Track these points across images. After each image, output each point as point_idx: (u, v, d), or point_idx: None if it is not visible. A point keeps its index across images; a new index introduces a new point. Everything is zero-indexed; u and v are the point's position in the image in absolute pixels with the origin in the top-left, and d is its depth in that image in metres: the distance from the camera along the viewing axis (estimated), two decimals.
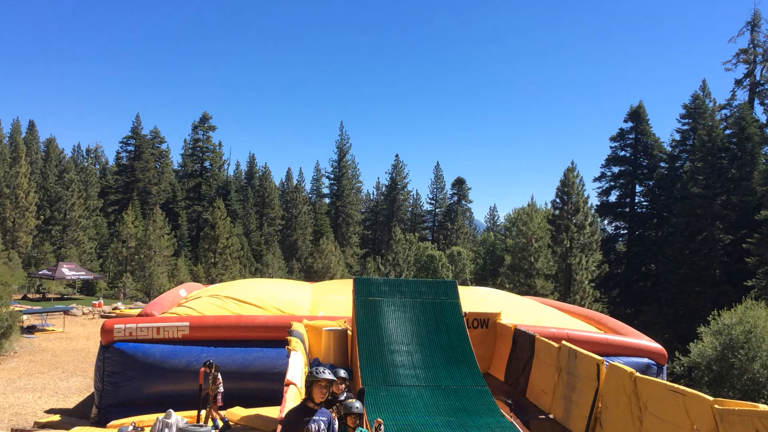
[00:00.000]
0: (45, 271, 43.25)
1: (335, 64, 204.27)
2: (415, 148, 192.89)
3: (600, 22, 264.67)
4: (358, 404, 6.34)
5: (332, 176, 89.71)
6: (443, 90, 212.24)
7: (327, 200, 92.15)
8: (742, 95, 58.37)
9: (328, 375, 6.04)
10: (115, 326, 13.38)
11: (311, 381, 5.95)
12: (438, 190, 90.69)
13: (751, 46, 58.30)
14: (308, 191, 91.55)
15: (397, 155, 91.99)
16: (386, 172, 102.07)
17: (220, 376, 11.46)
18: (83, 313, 34.63)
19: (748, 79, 58.28)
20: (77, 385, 17.75)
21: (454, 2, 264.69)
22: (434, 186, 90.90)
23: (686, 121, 57.47)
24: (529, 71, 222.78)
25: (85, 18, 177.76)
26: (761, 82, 57.02)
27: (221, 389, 11.43)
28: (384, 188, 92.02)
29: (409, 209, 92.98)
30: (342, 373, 8.43)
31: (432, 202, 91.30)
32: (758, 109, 55.57)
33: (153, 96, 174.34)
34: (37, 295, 44.61)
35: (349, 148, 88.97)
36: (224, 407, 11.68)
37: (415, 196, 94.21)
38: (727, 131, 50.99)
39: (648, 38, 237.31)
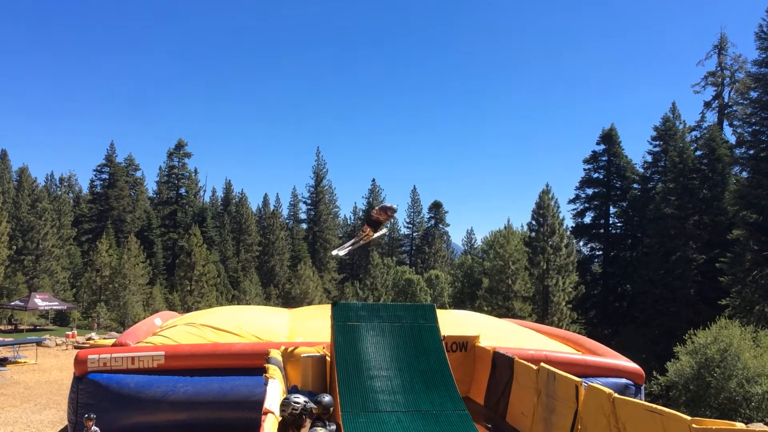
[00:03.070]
0: (17, 302, 42.42)
1: (312, 89, 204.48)
2: (391, 173, 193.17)
3: (572, 44, 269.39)
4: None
5: (309, 201, 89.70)
6: (419, 113, 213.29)
7: (304, 226, 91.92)
8: (712, 117, 59.73)
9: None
10: (89, 357, 13.15)
11: (308, 410, 5.96)
12: (415, 214, 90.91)
13: (718, 68, 59.73)
14: (285, 217, 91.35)
15: (373, 180, 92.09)
16: (363, 197, 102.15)
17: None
18: (56, 344, 33.90)
19: (716, 101, 59.56)
20: (50, 418, 17.34)
21: (436, 20, 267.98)
22: (411, 210, 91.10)
23: (657, 143, 58.39)
24: (505, 92, 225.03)
25: (58, 42, 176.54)
26: (729, 104, 58.22)
27: None
28: (361, 213, 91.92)
29: (387, 233, 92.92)
30: (327, 398, 8.30)
31: (409, 226, 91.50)
32: (727, 131, 56.70)
33: (127, 123, 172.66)
34: (9, 327, 43.72)
35: (326, 173, 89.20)
36: None
37: (392, 220, 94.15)
38: (698, 152, 51.87)
39: (618, 61, 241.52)
